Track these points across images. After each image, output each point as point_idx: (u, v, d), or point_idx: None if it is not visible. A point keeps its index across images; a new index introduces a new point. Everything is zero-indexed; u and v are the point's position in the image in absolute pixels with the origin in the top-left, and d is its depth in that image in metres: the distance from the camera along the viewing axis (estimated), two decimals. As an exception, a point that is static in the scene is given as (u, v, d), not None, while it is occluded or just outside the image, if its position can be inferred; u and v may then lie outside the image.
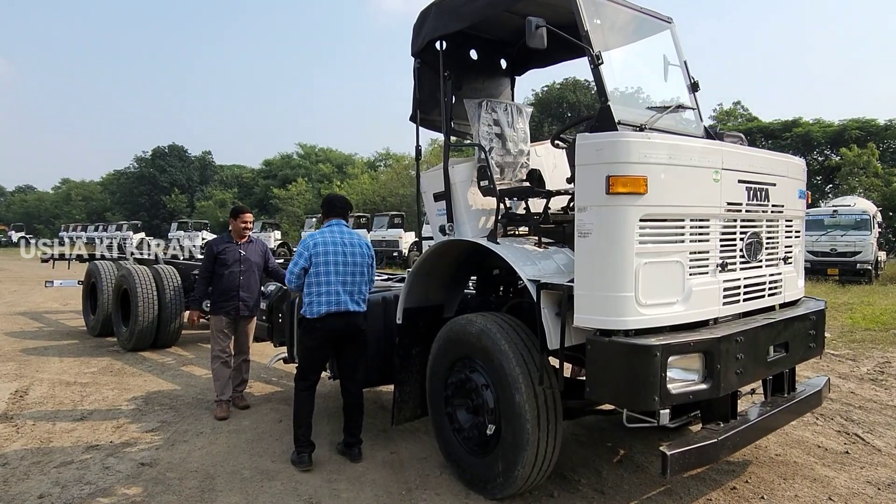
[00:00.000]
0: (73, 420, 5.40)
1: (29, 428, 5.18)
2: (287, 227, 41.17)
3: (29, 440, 4.89)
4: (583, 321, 3.24)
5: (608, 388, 3.22)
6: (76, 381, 6.75)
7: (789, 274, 4.20)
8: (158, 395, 6.24)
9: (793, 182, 4.18)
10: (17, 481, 4.11)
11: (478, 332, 3.81)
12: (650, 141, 3.19)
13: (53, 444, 4.82)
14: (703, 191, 3.42)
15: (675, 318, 3.32)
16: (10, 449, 4.70)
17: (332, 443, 4.79)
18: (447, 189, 4.20)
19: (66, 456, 4.55)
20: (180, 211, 55.41)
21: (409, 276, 4.40)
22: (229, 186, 61.42)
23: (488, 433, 3.77)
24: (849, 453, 4.69)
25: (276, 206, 47.56)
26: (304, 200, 45.73)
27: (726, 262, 3.56)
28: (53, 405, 5.88)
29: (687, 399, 3.22)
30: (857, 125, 33.00)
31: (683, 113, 4.05)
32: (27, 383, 6.65)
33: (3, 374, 7.04)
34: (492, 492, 3.79)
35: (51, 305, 13.44)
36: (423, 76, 4.51)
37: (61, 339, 9.44)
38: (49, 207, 73.40)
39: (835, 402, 6.06)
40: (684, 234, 3.35)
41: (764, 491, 3.98)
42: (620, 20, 3.95)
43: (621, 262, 3.14)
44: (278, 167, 59.06)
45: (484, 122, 4.31)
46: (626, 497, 3.91)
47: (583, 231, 3.23)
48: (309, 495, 3.89)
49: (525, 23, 3.38)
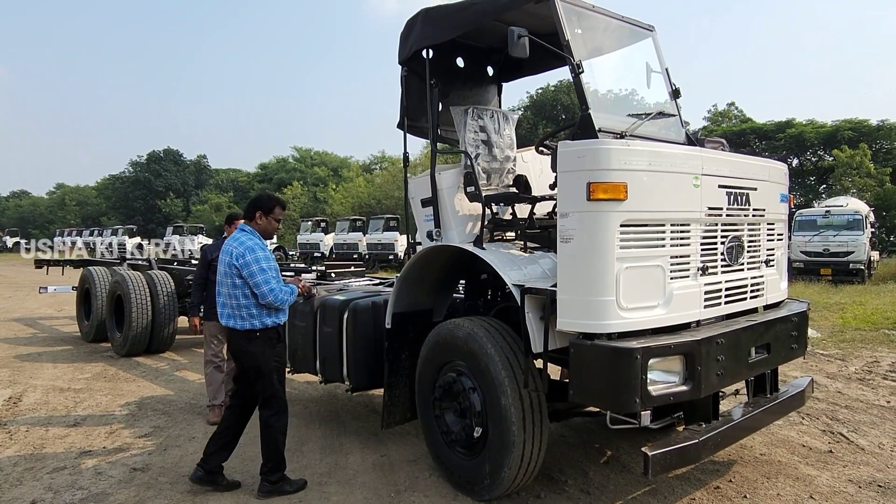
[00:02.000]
0: (66, 426, 5.44)
1: (22, 434, 5.22)
2: (283, 230, 41.19)
3: (22, 446, 4.93)
4: (566, 325, 3.31)
5: (591, 391, 3.29)
6: (70, 387, 6.79)
7: (771, 276, 4.27)
8: (152, 400, 6.28)
9: (774, 186, 4.26)
10: (10, 487, 4.15)
11: (465, 335, 3.87)
12: (630, 148, 3.26)
13: (46, 449, 4.86)
14: (684, 196, 3.49)
15: (657, 322, 3.39)
16: (3, 455, 4.74)
17: (324, 447, 4.85)
18: (434, 195, 4.27)
19: (59, 462, 4.59)
20: (176, 215, 55.31)
21: (398, 281, 4.46)
22: (225, 190, 61.38)
23: (475, 435, 3.83)
24: (832, 452, 4.76)
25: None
26: (300, 204, 45.74)
27: (707, 266, 3.63)
28: (47, 411, 5.92)
29: (668, 400, 3.29)
30: (850, 126, 33.20)
31: (666, 119, 4.12)
32: (21, 389, 6.69)
33: (-3, 381, 7.08)
34: (479, 493, 3.85)
35: (45, 311, 13.45)
36: (411, 84, 4.57)
37: (55, 345, 9.48)
38: (44, 212, 73.16)
39: (821, 402, 6.14)
40: (665, 238, 3.42)
41: (747, 490, 4.04)
42: (603, 29, 4.02)
43: (603, 267, 3.21)
44: (274, 171, 59.14)
45: (470, 129, 4.38)
46: (611, 497, 3.97)
47: (565, 236, 3.30)
48: (299, 498, 3.95)
49: (508, 32, 3.45)
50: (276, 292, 3.93)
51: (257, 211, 4.16)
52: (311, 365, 5.16)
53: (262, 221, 4.16)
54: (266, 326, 4.01)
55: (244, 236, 4.07)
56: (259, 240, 4.10)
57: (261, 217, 4.15)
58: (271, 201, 4.24)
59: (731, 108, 46.81)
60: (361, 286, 6.16)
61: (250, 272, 3.90)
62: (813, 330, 10.36)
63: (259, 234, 4.14)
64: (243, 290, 3.96)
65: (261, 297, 3.92)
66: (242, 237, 4.06)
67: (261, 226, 4.17)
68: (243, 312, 3.97)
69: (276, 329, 4.10)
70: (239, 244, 3.99)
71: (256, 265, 3.90)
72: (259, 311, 3.98)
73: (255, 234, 4.12)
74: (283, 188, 49.35)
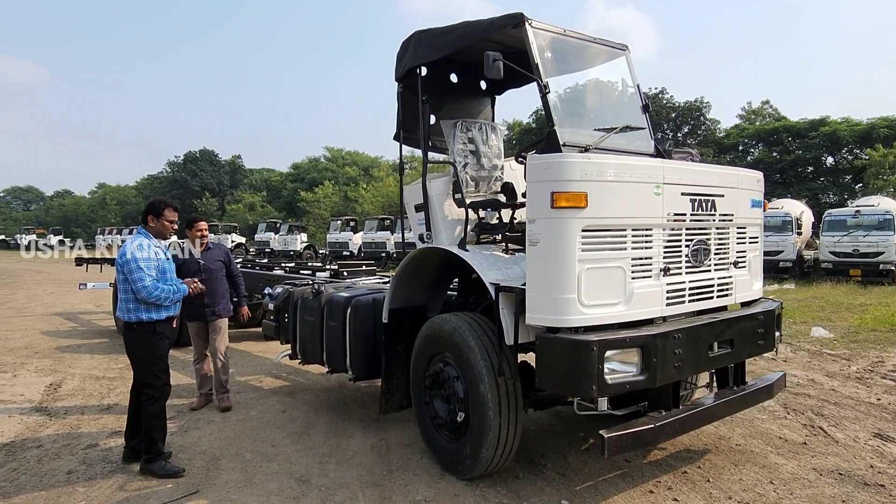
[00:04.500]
0: (100, 410, 5.99)
1: (61, 416, 5.79)
2: (314, 229, 42.06)
3: (60, 426, 5.49)
4: (533, 319, 3.67)
5: (554, 378, 3.65)
6: (105, 376, 7.37)
7: (741, 277, 4.56)
8: (177, 388, 6.78)
9: (744, 192, 4.54)
10: (49, 460, 4.69)
11: (450, 329, 4.26)
12: (590, 161, 3.61)
13: (82, 429, 5.40)
14: (645, 203, 3.82)
15: (618, 318, 3.73)
16: (43, 433, 5.29)
17: (329, 431, 5.29)
18: (425, 201, 4.67)
19: (92, 440, 5.12)
20: (211, 214, 56.74)
21: (393, 280, 4.87)
22: (258, 190, 62.74)
23: (458, 420, 4.22)
24: (806, 444, 5.01)
25: (304, 209, 48.53)
26: (331, 203, 46.54)
27: (669, 267, 3.95)
28: (83, 397, 6.49)
29: (624, 389, 3.63)
30: (886, 123, 32.53)
31: (636, 132, 4.44)
32: (60, 377, 7.29)
33: (39, 369, 7.71)
34: (462, 472, 4.24)
35: (85, 307, 14.25)
36: (406, 99, 4.99)
37: (93, 337, 10.16)
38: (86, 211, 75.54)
39: (811, 398, 6.36)
40: (626, 242, 3.75)
41: (712, 475, 4.35)
42: (577, 51, 4.37)
43: (565, 268, 3.56)
44: (306, 170, 60.17)
45: (459, 140, 4.77)
46: (584, 479, 4.32)
47: (533, 240, 3.66)
48: (300, 474, 4.39)
49: (484, 56, 3.83)
50: (148, 288, 4.34)
51: (149, 215, 4.64)
52: (318, 356, 5.61)
53: (154, 224, 4.62)
54: (141, 320, 4.42)
55: (130, 239, 4.59)
56: (146, 240, 4.53)
57: (152, 220, 4.62)
58: (161, 205, 4.70)
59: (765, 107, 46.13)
60: (368, 284, 6.59)
61: (129, 269, 4.35)
62: (825, 330, 10.48)
63: (152, 236, 4.61)
64: (125, 286, 4.43)
65: (136, 293, 4.35)
66: (129, 239, 4.59)
67: (154, 228, 4.63)
68: (123, 306, 4.44)
69: (154, 323, 4.46)
70: (124, 245, 4.51)
71: (134, 263, 4.34)
72: (136, 306, 4.40)
73: (147, 236, 4.58)
74: (314, 188, 50.25)
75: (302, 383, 7.08)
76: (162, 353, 4.57)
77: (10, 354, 8.71)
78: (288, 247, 34.51)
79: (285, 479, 4.30)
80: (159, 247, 4.63)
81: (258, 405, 6.13)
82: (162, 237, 4.70)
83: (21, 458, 4.75)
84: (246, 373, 7.57)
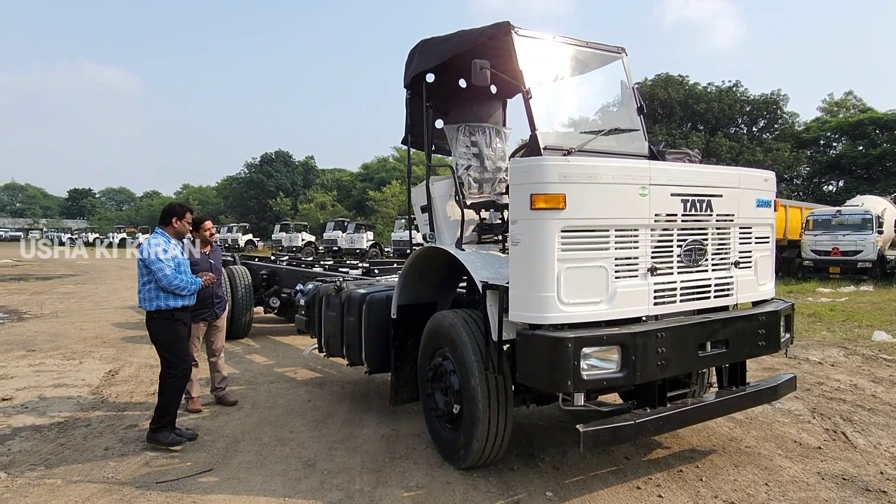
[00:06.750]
0: (147, 395, 6.52)
1: (112, 399, 6.36)
2: (381, 227, 42.94)
3: (110, 409, 6.03)
4: (515, 316, 3.82)
5: (533, 373, 3.79)
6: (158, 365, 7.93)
7: (745, 277, 4.53)
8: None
9: (748, 192, 4.50)
10: (93, 437, 5.20)
11: (448, 325, 4.46)
12: (569, 163, 3.72)
13: (127, 412, 5.93)
14: (629, 204, 3.88)
15: (600, 316, 3.82)
16: (93, 415, 5.84)
17: (345, 421, 5.60)
18: (429, 203, 4.88)
19: (133, 421, 5.63)
20: (284, 213, 58.83)
21: (400, 277, 5.11)
22: (329, 189, 64.49)
23: (455, 412, 4.41)
24: (821, 448, 4.91)
25: (372, 208, 49.59)
26: (398, 202, 47.34)
27: (657, 267, 4.00)
28: (135, 383, 7.07)
29: (601, 385, 3.73)
30: (982, 114, 30.26)
31: (630, 134, 4.50)
32: (120, 365, 7.94)
33: (103, 357, 8.41)
34: (457, 462, 4.43)
35: (156, 300, 15.21)
36: (414, 105, 5.22)
37: (157, 329, 10.89)
38: (171, 211, 79.63)
39: (845, 403, 6.17)
40: (609, 242, 3.83)
41: (707, 475, 4.36)
42: (571, 55, 4.47)
43: (544, 267, 3.69)
44: (375, 170, 61.36)
45: (461, 144, 4.95)
46: (578, 473, 4.42)
47: (515, 240, 3.81)
48: (308, 458, 4.70)
49: (471, 64, 4.00)
50: (169, 277, 4.90)
51: (173, 217, 5.21)
52: (338, 350, 5.92)
53: (177, 225, 5.22)
54: (160, 308, 4.99)
55: (151, 237, 5.14)
56: (163, 239, 5.09)
57: (177, 222, 5.21)
58: (183, 209, 5.32)
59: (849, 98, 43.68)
60: (391, 282, 6.85)
61: (151, 262, 4.90)
62: (888, 335, 9.98)
63: (170, 236, 5.16)
64: (145, 279, 4.97)
65: (158, 282, 4.91)
66: (150, 238, 5.16)
67: (176, 229, 5.22)
68: (145, 297, 5.00)
69: (171, 311, 5.01)
70: (146, 243, 5.06)
71: (156, 257, 4.90)
72: (156, 295, 4.96)
73: (164, 236, 5.13)
74: (382, 187, 51.24)
75: (333, 375, 7.43)
76: (182, 336, 5.14)
77: (81, 343, 9.51)
78: (354, 245, 35.06)
79: (293, 462, 4.62)
80: (176, 246, 5.19)
81: (287, 395, 6.51)
82: (180, 238, 5.30)
83: (70, 434, 5.29)
84: (284, 364, 8.00)
